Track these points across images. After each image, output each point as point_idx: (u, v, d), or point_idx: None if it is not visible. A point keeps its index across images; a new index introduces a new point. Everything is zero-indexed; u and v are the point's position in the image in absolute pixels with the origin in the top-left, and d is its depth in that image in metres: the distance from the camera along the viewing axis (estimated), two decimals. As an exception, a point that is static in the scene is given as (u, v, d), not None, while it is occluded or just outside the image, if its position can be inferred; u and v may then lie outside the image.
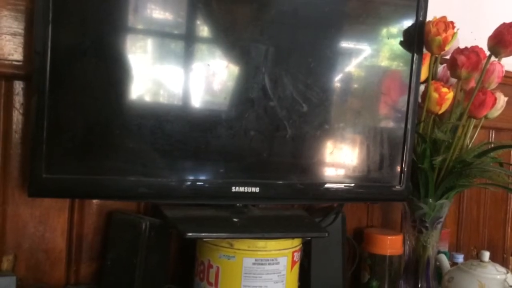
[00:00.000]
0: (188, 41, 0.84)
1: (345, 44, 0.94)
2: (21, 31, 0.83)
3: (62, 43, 0.75)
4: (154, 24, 0.81)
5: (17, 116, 0.85)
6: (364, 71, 0.96)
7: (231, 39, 0.85)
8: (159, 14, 0.81)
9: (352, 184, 0.96)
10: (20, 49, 0.83)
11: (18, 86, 0.85)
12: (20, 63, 0.84)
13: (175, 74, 0.82)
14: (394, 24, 0.97)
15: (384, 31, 0.97)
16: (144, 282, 0.86)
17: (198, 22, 0.84)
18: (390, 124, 0.99)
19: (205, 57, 0.84)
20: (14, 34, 0.83)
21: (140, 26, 0.80)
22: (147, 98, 0.82)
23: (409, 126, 0.98)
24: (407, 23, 0.96)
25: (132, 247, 0.86)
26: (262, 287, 0.84)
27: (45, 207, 0.88)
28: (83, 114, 0.78)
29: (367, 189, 0.98)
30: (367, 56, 0.95)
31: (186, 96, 0.83)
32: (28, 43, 0.83)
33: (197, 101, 0.84)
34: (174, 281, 0.96)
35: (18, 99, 0.85)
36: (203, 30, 0.85)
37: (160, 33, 0.82)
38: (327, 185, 0.94)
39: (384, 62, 0.98)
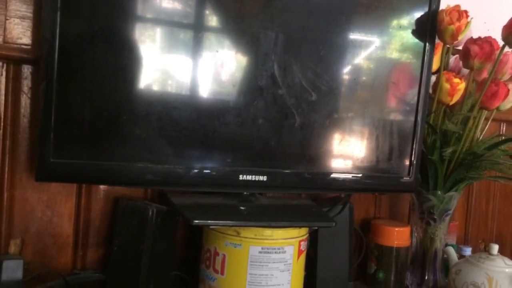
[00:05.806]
0: (196, 28, 0.83)
1: (356, 33, 0.93)
2: (30, 15, 0.83)
3: (71, 29, 0.75)
4: (163, 12, 0.80)
5: (25, 100, 0.85)
6: (375, 61, 0.95)
7: (240, 27, 0.84)
8: (168, 2, 0.80)
9: (360, 175, 0.95)
10: (28, 33, 0.83)
11: (27, 70, 0.84)
12: (29, 47, 0.83)
13: (183, 62, 0.81)
14: (407, 13, 0.95)
15: (396, 20, 0.95)
16: (150, 268, 0.86)
17: (207, 10, 0.83)
18: (400, 115, 0.98)
19: (214, 45, 0.83)
20: (22, 18, 0.83)
21: (148, 14, 0.80)
22: (155, 85, 0.81)
23: (419, 117, 0.97)
24: (420, 12, 0.95)
25: (139, 233, 0.86)
26: (268, 275, 0.84)
27: (53, 192, 0.88)
28: (91, 100, 0.77)
29: (376, 180, 0.97)
30: (378, 45, 0.94)
31: (193, 84, 0.83)
32: (36, 27, 0.83)
33: (204, 89, 0.83)
34: (180, 268, 0.97)
35: (27, 83, 0.85)
36: (212, 17, 0.84)
37: (169, 21, 0.81)
38: (335, 175, 0.93)
39: (395, 52, 0.96)
